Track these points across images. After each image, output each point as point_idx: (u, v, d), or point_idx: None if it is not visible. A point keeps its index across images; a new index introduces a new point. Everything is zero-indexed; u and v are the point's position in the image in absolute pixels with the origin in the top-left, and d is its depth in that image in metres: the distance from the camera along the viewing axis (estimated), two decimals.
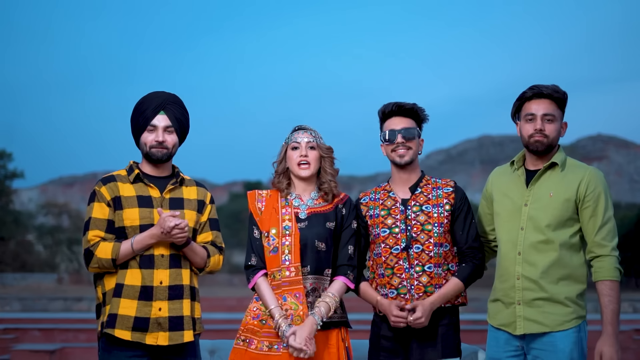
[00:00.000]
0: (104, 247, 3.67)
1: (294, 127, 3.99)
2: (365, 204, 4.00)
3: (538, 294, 3.72)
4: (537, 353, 3.72)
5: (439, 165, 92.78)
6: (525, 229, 3.77)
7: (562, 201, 3.73)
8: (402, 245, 3.85)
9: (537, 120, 3.76)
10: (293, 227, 3.84)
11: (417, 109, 3.95)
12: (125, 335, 3.63)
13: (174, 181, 3.84)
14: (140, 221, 3.72)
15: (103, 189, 3.76)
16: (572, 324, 3.70)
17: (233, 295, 23.70)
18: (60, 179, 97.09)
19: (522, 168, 3.88)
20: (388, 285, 3.88)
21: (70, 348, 11.02)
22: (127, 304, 3.66)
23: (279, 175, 3.95)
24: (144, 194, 3.77)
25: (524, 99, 3.83)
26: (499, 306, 3.84)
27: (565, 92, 3.81)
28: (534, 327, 3.71)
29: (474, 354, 4.34)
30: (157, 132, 3.77)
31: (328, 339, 3.82)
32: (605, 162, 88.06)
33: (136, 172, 3.80)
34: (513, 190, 3.86)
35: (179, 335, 3.70)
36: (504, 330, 3.80)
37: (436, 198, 3.93)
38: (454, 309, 3.93)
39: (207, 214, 3.89)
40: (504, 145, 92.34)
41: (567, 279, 3.72)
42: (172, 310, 3.70)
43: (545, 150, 3.79)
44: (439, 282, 3.85)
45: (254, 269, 3.85)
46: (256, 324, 3.80)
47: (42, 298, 21.27)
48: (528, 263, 3.74)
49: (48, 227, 48.91)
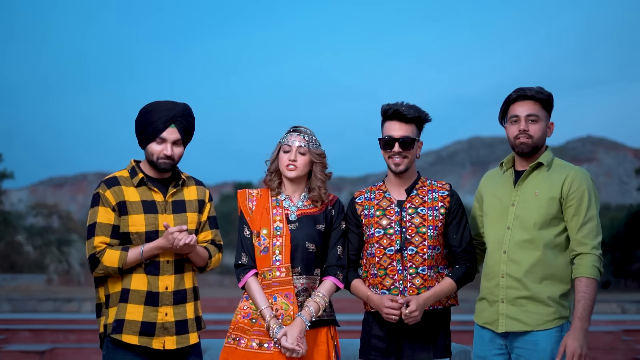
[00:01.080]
0: (110, 254, 3.68)
1: (290, 128, 3.98)
2: (360, 203, 4.00)
3: (521, 293, 3.75)
4: (519, 352, 3.75)
5: (429, 166, 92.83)
6: (512, 228, 3.80)
7: (547, 200, 3.76)
8: (397, 246, 3.86)
9: (521, 122, 3.80)
10: (284, 229, 3.86)
11: (420, 114, 3.91)
12: (132, 340, 3.68)
13: (174, 184, 3.86)
14: (146, 227, 3.74)
15: (108, 193, 3.75)
16: (554, 324, 3.72)
17: (224, 296, 23.69)
18: (50, 180, 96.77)
19: (511, 169, 3.91)
20: (380, 286, 3.89)
21: (60, 349, 11.00)
22: (133, 309, 3.71)
23: (271, 174, 3.96)
24: (148, 199, 3.78)
25: (509, 101, 3.87)
26: (484, 304, 3.87)
27: (550, 93, 3.85)
28: (516, 326, 3.74)
29: (464, 352, 4.36)
30: (166, 145, 3.77)
31: (318, 337, 3.86)
32: (595, 163, 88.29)
33: (140, 177, 3.80)
34: (501, 190, 3.89)
35: (185, 338, 3.77)
36: (488, 329, 3.84)
37: (432, 201, 3.94)
38: (446, 311, 3.95)
39: (207, 213, 3.92)
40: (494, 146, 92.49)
41: (551, 279, 3.75)
42: (178, 315, 3.77)
43: (532, 151, 3.83)
44: (431, 284, 3.87)
45: (245, 268, 3.87)
46: (246, 322, 3.82)
47: (32, 299, 21.22)
48: (512, 261, 3.77)
49: (38, 227, 48.73)
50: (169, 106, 3.80)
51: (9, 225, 44.18)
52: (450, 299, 3.95)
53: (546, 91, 3.85)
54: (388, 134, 3.91)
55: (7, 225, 43.85)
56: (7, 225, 43.85)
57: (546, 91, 3.85)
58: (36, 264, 45.89)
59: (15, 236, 46.30)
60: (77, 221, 54.11)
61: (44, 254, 47.22)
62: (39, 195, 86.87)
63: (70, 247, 47.98)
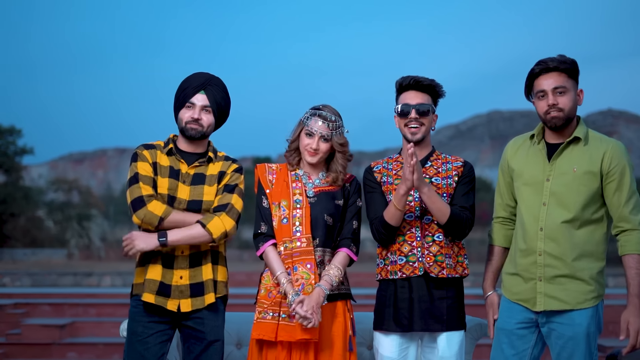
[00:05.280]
0: (156, 204, 3.74)
1: (315, 108, 3.92)
2: (378, 172, 4.00)
3: (560, 271, 3.67)
4: (553, 326, 3.69)
5: (448, 140, 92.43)
6: (548, 204, 3.70)
7: (587, 175, 3.65)
8: (417, 212, 3.85)
9: (549, 96, 3.69)
10: (304, 201, 3.87)
11: (435, 84, 3.93)
12: (149, 299, 3.75)
13: (201, 160, 3.89)
14: (168, 191, 3.81)
15: (145, 152, 3.86)
16: (592, 303, 3.66)
17: (243, 270, 23.75)
18: (70, 155, 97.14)
19: (543, 141, 3.80)
20: (398, 252, 3.88)
21: (80, 322, 11.09)
22: (154, 269, 3.79)
23: (292, 151, 3.96)
24: (175, 167, 3.85)
25: (533, 76, 3.75)
26: (517, 280, 3.79)
27: (573, 60, 3.73)
28: (555, 304, 3.67)
29: (479, 325, 4.34)
30: (194, 109, 3.84)
31: (335, 309, 3.88)
32: (616, 137, 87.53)
33: (170, 146, 3.88)
34: (533, 164, 3.79)
35: (200, 300, 3.82)
36: (522, 305, 3.77)
37: (445, 171, 3.94)
38: (459, 281, 3.93)
39: (225, 181, 3.90)
40: (513, 120, 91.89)
41: (589, 257, 3.67)
42: (193, 278, 3.81)
43: (564, 124, 3.71)
44: (447, 251, 3.85)
45: (265, 236, 3.87)
46: (282, 296, 3.81)
47: (52, 273, 21.35)
48: (551, 239, 3.68)
49: (58, 203, 48.99)
50: (201, 75, 3.92)
51: (29, 200, 44.45)
52: (466, 269, 3.93)
53: (569, 58, 3.72)
54: (404, 103, 3.90)
55: (28, 200, 44.12)
56: (28, 200, 44.12)
57: (569, 58, 3.72)
58: (57, 239, 46.21)
59: (36, 211, 46.61)
60: (97, 196, 54.44)
61: (64, 229, 47.54)
62: (59, 170, 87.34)
63: (90, 222, 48.28)
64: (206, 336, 3.82)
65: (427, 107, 3.90)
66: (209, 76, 3.91)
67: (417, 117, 3.89)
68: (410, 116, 3.89)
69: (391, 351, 3.88)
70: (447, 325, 3.85)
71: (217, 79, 3.93)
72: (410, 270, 3.85)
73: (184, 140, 3.92)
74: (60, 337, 10.22)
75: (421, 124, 3.90)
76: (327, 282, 3.78)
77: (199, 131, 3.86)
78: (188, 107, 3.85)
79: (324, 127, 3.87)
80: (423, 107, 3.89)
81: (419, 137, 3.92)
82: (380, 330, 3.93)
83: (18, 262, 34.66)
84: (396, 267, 3.88)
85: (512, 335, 3.79)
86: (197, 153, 3.92)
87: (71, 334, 10.69)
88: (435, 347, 3.87)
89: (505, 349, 3.80)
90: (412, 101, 3.90)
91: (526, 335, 3.77)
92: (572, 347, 3.65)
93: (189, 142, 3.91)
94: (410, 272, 3.85)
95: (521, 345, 3.78)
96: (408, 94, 3.93)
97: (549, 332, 3.73)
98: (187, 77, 3.92)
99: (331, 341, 3.85)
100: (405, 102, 3.91)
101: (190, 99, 3.85)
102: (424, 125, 3.91)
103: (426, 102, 3.91)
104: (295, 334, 3.75)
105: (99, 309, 12.20)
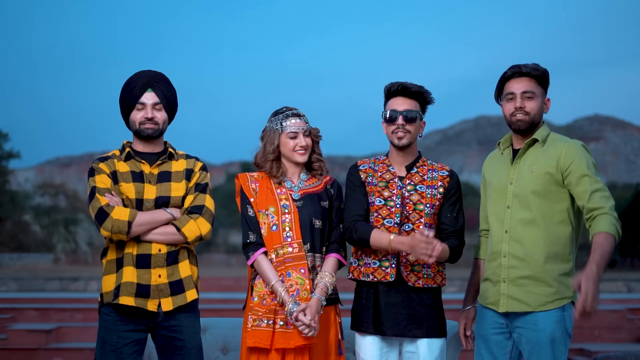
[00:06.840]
0: (120, 209, 3.70)
1: (284, 111, 3.96)
2: (364, 171, 3.99)
3: (523, 272, 3.70)
4: (520, 332, 3.71)
5: (435, 146, 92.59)
6: (512, 207, 3.75)
7: (543, 175, 3.69)
8: (396, 219, 3.85)
9: (517, 99, 3.76)
10: (291, 206, 3.88)
11: (423, 91, 3.93)
12: (129, 302, 3.70)
13: (163, 157, 3.88)
14: (135, 195, 3.78)
15: (101, 165, 3.83)
16: (555, 305, 3.66)
17: (230, 275, 23.71)
18: (57, 160, 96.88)
19: (509, 148, 3.87)
20: (373, 256, 3.88)
21: (67, 327, 11.03)
22: (129, 272, 3.73)
23: (271, 162, 3.94)
24: (136, 170, 3.83)
25: (504, 78, 3.82)
26: (488, 285, 3.84)
27: (545, 69, 3.80)
28: (517, 306, 3.70)
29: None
30: (146, 109, 3.82)
31: (327, 315, 3.90)
32: (602, 142, 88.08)
33: (127, 151, 3.85)
34: (500, 170, 3.85)
35: (181, 297, 3.78)
36: (490, 309, 3.80)
37: (431, 180, 3.94)
38: (437, 290, 3.93)
39: (195, 180, 3.89)
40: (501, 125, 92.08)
41: (553, 258, 3.69)
42: (171, 276, 3.76)
43: (529, 128, 3.77)
44: (424, 262, 3.84)
45: (255, 245, 3.87)
46: (277, 303, 3.81)
47: (39, 278, 21.25)
48: (514, 240, 3.72)
49: (45, 207, 48.82)
50: (145, 73, 3.90)
51: (16, 204, 44.28)
52: (443, 280, 3.92)
53: (542, 67, 3.81)
54: (392, 109, 3.91)
55: (14, 204, 43.95)
56: (14, 204, 43.95)
57: (542, 67, 3.81)
58: (43, 244, 46.03)
59: (23, 216, 46.41)
60: (84, 201, 54.15)
61: (51, 233, 47.37)
62: (45, 175, 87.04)
63: (77, 226, 48.08)
64: (185, 343, 3.79)
65: (415, 113, 3.91)
66: (153, 73, 3.90)
67: (404, 123, 3.90)
68: (397, 122, 3.90)
69: (372, 355, 3.88)
70: (427, 332, 3.85)
71: (161, 74, 3.93)
72: (382, 275, 3.85)
73: (140, 142, 3.91)
74: (47, 342, 10.17)
75: (407, 131, 3.91)
76: (323, 291, 3.80)
77: (155, 129, 3.86)
78: (139, 108, 3.84)
79: (302, 124, 3.94)
80: (410, 114, 3.90)
81: (405, 143, 3.93)
82: (359, 331, 3.93)
83: (4, 267, 34.49)
84: (369, 269, 3.88)
85: (488, 342, 3.82)
86: (156, 152, 3.92)
87: (57, 339, 10.64)
88: (416, 352, 3.87)
89: (484, 354, 3.83)
90: (400, 107, 3.91)
91: (501, 341, 3.80)
92: (537, 353, 3.66)
93: (145, 142, 3.90)
94: (382, 277, 3.85)
95: (498, 351, 3.80)
96: (396, 100, 3.93)
97: (519, 338, 3.74)
98: (129, 78, 3.89)
99: (324, 346, 3.88)
100: (392, 108, 3.92)
101: (139, 100, 3.84)
102: (410, 132, 3.91)
103: (414, 108, 3.92)
104: (294, 340, 3.76)
105: (86, 313, 12.14)
